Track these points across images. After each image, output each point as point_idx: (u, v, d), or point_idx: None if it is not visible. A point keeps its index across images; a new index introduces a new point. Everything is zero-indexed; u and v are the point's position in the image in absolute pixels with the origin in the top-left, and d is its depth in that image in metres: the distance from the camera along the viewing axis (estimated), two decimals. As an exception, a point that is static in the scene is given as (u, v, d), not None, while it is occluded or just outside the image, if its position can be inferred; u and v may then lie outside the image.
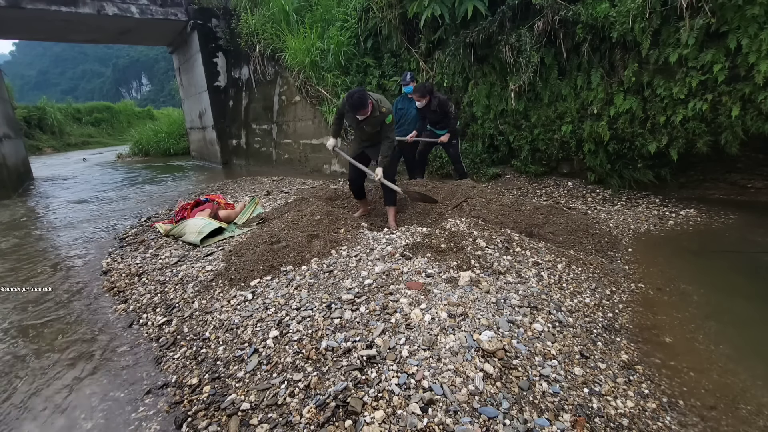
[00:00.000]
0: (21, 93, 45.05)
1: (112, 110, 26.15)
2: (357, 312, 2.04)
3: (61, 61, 74.35)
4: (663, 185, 4.31)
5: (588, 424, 1.44)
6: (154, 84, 63.64)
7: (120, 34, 10.47)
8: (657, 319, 2.25)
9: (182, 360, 2.09)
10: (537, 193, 4.76)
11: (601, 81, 4.12)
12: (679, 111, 3.64)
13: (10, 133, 9.01)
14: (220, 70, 10.29)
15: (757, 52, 3.12)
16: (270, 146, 9.15)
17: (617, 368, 1.77)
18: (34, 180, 10.04)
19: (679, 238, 3.38)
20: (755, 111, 3.34)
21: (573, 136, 4.50)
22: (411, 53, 5.92)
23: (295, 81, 7.36)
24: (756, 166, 3.99)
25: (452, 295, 2.10)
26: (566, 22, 4.10)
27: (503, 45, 4.57)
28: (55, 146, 20.34)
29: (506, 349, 1.71)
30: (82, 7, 8.32)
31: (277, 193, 5.84)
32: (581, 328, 1.99)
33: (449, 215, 3.43)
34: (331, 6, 7.12)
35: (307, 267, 2.68)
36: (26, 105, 21.25)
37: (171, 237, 4.03)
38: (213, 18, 9.85)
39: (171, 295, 2.79)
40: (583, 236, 3.13)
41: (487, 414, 1.43)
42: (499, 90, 5.03)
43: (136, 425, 1.72)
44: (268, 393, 1.65)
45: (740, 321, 2.20)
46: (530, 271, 2.45)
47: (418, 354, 1.70)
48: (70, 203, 6.89)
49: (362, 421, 1.42)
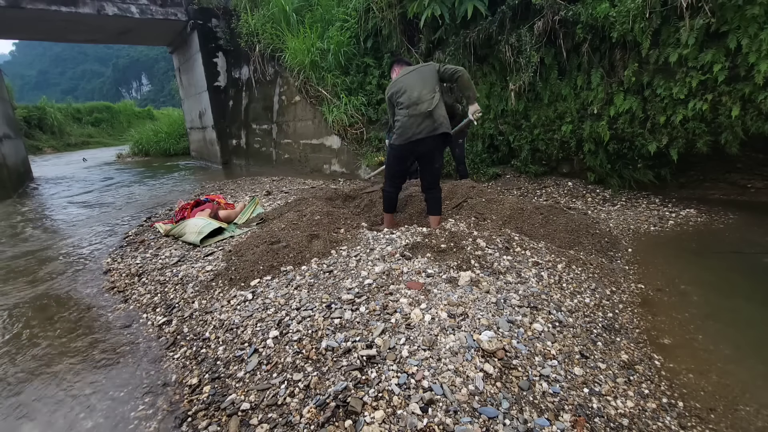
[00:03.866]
0: (21, 93, 45.11)
1: (112, 110, 26.16)
2: (357, 312, 2.04)
3: (61, 61, 74.40)
4: (663, 185, 4.31)
5: (588, 424, 1.44)
6: (154, 84, 63.68)
7: (120, 34, 10.47)
8: (657, 319, 2.25)
9: (182, 360, 2.09)
10: (537, 193, 4.75)
11: (601, 81, 4.12)
12: (679, 111, 3.64)
13: (10, 133, 9.00)
14: (220, 70, 10.28)
15: (757, 52, 3.12)
16: (270, 146, 9.15)
17: (617, 368, 1.77)
18: (34, 180, 10.04)
19: (679, 238, 3.38)
20: (755, 111, 3.34)
21: (573, 136, 4.50)
22: (411, 53, 5.93)
23: (295, 81, 7.36)
24: (756, 166, 3.99)
25: (452, 295, 2.10)
26: (566, 22, 4.10)
27: (503, 45, 4.58)
28: (55, 146, 20.33)
29: (506, 349, 1.71)
30: (82, 7, 8.32)
31: (277, 193, 5.85)
32: (581, 328, 1.99)
33: (449, 215, 3.43)
34: (331, 6, 7.12)
35: (307, 267, 2.68)
36: (26, 105, 21.25)
37: (171, 237, 4.03)
38: (213, 18, 9.85)
39: (171, 295, 2.79)
40: (583, 236, 3.13)
41: (487, 414, 1.43)
42: (499, 90, 5.04)
43: (135, 424, 1.72)
44: (268, 393, 1.65)
45: (740, 321, 2.20)
46: (530, 271, 2.45)
47: (418, 354, 1.70)
48: (70, 203, 6.89)
49: (362, 421, 1.42)
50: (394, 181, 3.38)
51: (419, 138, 3.02)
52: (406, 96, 3.04)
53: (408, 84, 3.07)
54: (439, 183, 3.25)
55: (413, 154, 3.15)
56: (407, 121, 3.03)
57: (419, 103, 2.99)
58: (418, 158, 3.19)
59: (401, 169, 3.32)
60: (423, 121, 3.00)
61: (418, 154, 3.14)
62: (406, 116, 3.04)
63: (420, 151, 3.10)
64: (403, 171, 3.36)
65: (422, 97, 2.99)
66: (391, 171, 3.37)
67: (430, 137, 3.02)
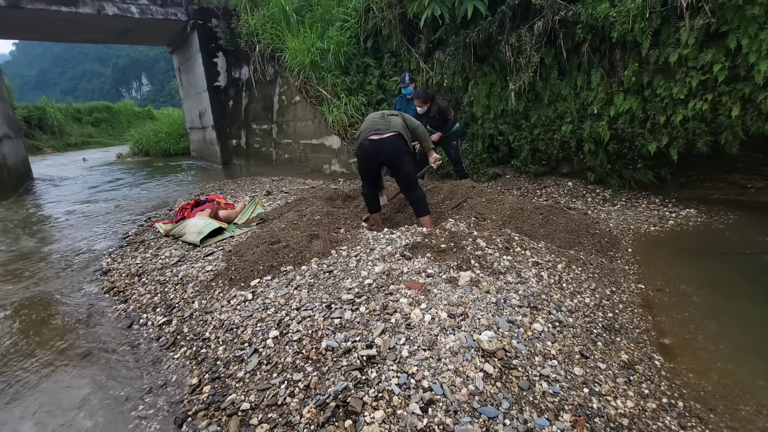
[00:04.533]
0: (21, 93, 45.14)
1: (112, 110, 26.18)
2: (357, 312, 2.04)
3: (61, 61, 74.42)
4: (663, 185, 4.31)
5: (588, 424, 1.44)
6: (154, 84, 63.68)
7: (120, 34, 10.47)
8: (657, 319, 2.25)
9: (182, 360, 2.09)
10: (537, 193, 4.76)
11: (601, 81, 4.12)
12: (679, 111, 3.64)
13: (10, 133, 9.01)
14: (220, 70, 10.29)
15: (757, 52, 3.12)
16: (270, 146, 9.15)
17: (617, 368, 1.77)
18: (34, 180, 10.04)
19: (679, 238, 3.38)
20: (755, 111, 3.34)
21: (573, 136, 4.50)
22: (411, 53, 5.93)
23: (295, 81, 7.36)
24: (756, 166, 3.99)
25: (452, 295, 2.10)
26: (566, 22, 4.10)
27: (503, 45, 4.57)
28: (55, 146, 20.35)
29: (506, 349, 1.71)
30: (82, 7, 8.33)
31: (277, 193, 5.85)
32: (581, 328, 1.99)
33: (449, 215, 3.43)
34: (331, 6, 7.13)
35: (307, 267, 2.68)
36: (26, 105, 21.28)
37: (171, 237, 4.03)
38: (213, 18, 9.85)
39: (171, 295, 2.79)
40: (583, 236, 3.13)
41: (487, 414, 1.43)
42: (499, 90, 5.03)
43: (135, 424, 1.72)
44: (268, 393, 1.65)
45: (740, 321, 2.20)
46: (530, 271, 2.45)
47: (418, 354, 1.70)
48: (69, 203, 6.89)
49: (362, 421, 1.42)
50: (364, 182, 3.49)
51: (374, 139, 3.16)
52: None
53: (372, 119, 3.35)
54: (415, 186, 3.33)
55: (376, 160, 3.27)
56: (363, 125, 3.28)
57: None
58: (383, 163, 3.31)
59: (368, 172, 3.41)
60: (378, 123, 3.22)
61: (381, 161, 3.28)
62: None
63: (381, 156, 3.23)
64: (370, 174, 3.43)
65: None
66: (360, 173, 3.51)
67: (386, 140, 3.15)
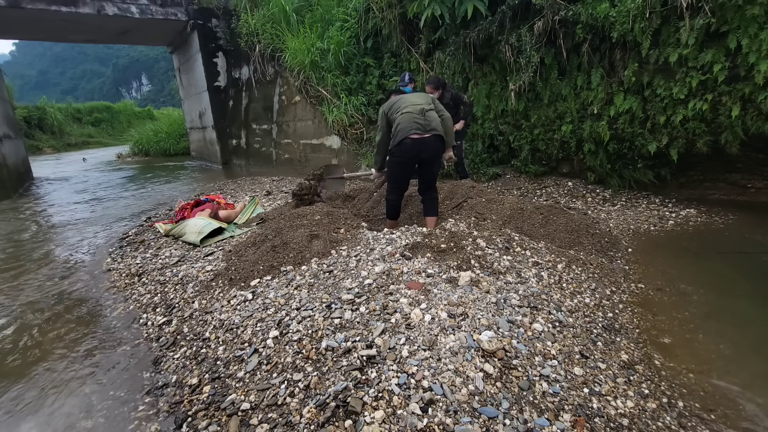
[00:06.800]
0: (21, 93, 45.11)
1: (112, 110, 26.20)
2: (357, 312, 2.04)
3: (61, 61, 74.41)
4: (663, 185, 4.31)
5: (588, 424, 1.44)
6: (154, 84, 63.68)
7: (120, 34, 10.47)
8: (657, 319, 2.25)
9: (182, 360, 2.08)
10: (537, 193, 4.75)
11: (601, 81, 4.12)
12: (679, 111, 3.64)
13: (10, 133, 9.01)
14: (220, 70, 10.29)
15: (757, 52, 3.12)
16: (270, 146, 9.15)
17: (617, 368, 1.77)
18: (34, 180, 10.05)
19: (679, 238, 3.38)
20: (755, 111, 3.34)
21: (573, 136, 4.50)
22: (411, 53, 5.93)
23: (295, 81, 7.36)
24: (756, 166, 3.99)
25: (452, 295, 2.09)
26: (566, 22, 4.10)
27: (503, 45, 4.58)
28: (55, 146, 20.36)
29: (506, 349, 1.71)
30: (82, 7, 8.33)
31: (277, 193, 5.85)
32: (581, 328, 1.99)
33: (449, 215, 3.43)
34: (331, 6, 7.12)
35: (307, 267, 2.68)
36: (26, 105, 21.29)
37: (171, 237, 4.03)
38: (213, 18, 9.86)
39: (171, 295, 2.79)
40: (583, 236, 3.13)
41: (487, 414, 1.43)
42: (499, 90, 5.04)
43: (135, 424, 1.72)
44: (268, 393, 1.65)
45: (740, 321, 2.20)
46: (530, 271, 2.45)
47: (418, 354, 1.70)
48: (70, 203, 6.89)
49: (362, 421, 1.42)
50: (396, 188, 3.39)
51: (417, 138, 3.04)
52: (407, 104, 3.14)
53: (409, 98, 3.20)
54: (435, 184, 3.33)
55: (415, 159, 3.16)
56: (404, 119, 3.09)
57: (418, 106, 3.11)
58: (420, 162, 3.20)
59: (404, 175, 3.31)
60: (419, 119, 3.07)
61: (419, 159, 3.16)
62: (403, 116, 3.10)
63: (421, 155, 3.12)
64: (408, 175, 3.34)
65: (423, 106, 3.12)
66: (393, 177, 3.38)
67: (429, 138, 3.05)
